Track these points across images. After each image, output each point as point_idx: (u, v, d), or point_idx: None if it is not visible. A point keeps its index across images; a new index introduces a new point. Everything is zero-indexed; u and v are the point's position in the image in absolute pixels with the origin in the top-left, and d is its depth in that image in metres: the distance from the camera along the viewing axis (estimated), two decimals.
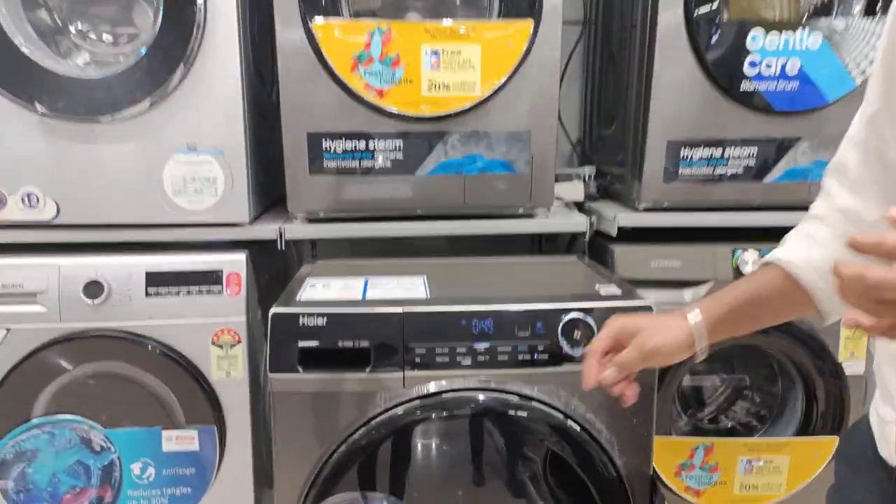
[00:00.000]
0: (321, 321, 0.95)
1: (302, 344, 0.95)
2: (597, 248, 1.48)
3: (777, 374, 1.51)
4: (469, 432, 0.97)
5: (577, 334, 0.96)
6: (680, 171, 1.40)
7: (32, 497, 1.31)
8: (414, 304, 1.01)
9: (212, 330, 1.28)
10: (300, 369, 0.95)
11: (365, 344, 0.95)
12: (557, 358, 0.97)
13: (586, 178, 1.61)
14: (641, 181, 1.41)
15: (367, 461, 0.95)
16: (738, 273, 1.37)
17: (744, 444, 1.41)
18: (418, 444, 0.96)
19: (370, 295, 1.06)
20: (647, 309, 1.00)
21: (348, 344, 0.95)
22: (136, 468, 1.32)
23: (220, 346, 1.30)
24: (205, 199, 1.31)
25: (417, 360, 0.95)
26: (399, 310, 0.97)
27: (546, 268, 1.32)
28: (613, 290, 1.08)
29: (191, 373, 1.29)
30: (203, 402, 1.30)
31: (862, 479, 0.75)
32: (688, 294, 1.38)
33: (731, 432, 1.55)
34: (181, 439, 1.32)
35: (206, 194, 1.31)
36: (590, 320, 0.97)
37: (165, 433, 1.31)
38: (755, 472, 1.41)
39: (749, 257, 1.37)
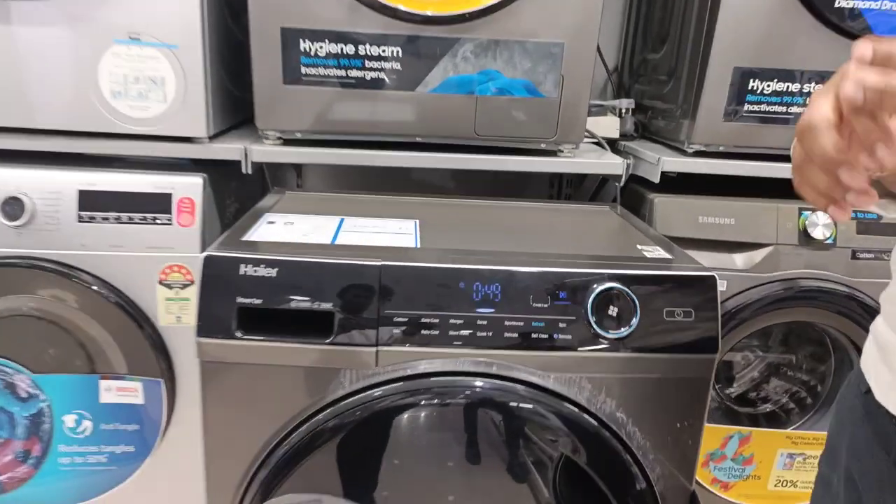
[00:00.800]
0: (270, 271, 0.69)
1: (243, 300, 0.69)
2: (630, 197, 1.20)
3: (829, 351, 1.26)
4: (460, 429, 0.72)
5: (613, 311, 0.70)
6: (744, 108, 1.10)
7: None
8: (397, 255, 0.74)
9: (158, 265, 1.04)
10: (239, 334, 0.69)
11: (327, 305, 0.69)
12: (584, 340, 0.71)
13: (622, 112, 1.31)
14: (695, 118, 1.11)
15: (322, 456, 0.71)
16: (805, 237, 1.09)
17: (787, 436, 1.17)
18: (391, 440, 0.72)
19: (342, 240, 0.79)
20: (710, 280, 0.73)
21: (304, 304, 0.69)
22: (69, 420, 1.10)
23: (169, 286, 1.05)
24: (151, 104, 1.03)
25: (396, 330, 0.70)
26: (376, 262, 0.71)
27: (572, 217, 1.04)
28: (660, 252, 0.81)
29: (133, 315, 1.05)
30: (148, 351, 1.07)
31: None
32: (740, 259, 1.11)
33: (769, 419, 1.31)
34: (123, 391, 1.10)
35: (153, 99, 1.03)
36: (630, 294, 0.70)
37: (103, 382, 1.09)
38: (796, 467, 1.18)
39: (819, 219, 1.09)
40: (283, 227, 0.83)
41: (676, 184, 1.15)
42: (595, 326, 0.70)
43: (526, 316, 0.70)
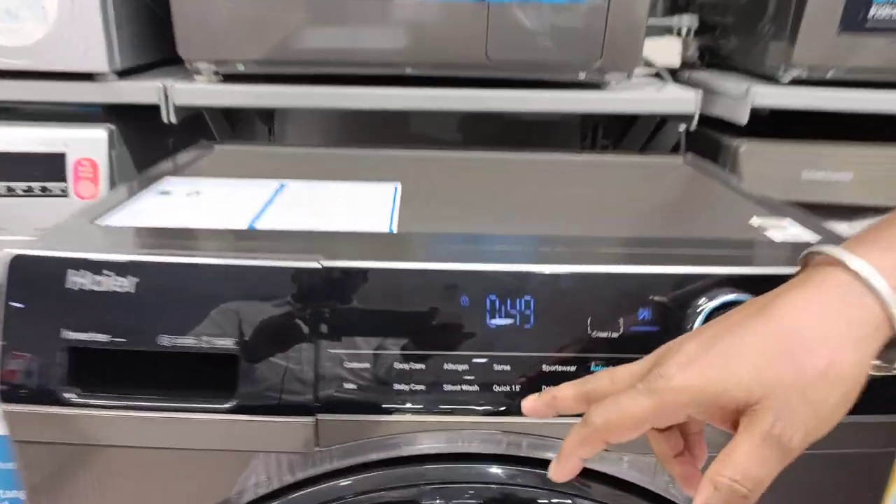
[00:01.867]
0: (122, 283, 0.37)
1: (75, 335, 0.38)
2: (697, 145, 0.86)
3: None
4: None
5: None
6: (869, 16, 0.75)
7: None
8: (354, 247, 0.42)
9: None
10: (71, 396, 0.38)
11: (227, 342, 0.38)
12: None
13: (684, 32, 0.96)
14: (797, 30, 0.76)
15: None
16: None
17: None
18: None
19: (270, 220, 0.46)
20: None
21: (186, 341, 0.38)
22: None
23: None
24: (25, 25, 0.70)
25: (350, 385, 0.38)
26: (313, 263, 0.39)
27: (629, 175, 0.70)
28: (796, 230, 0.48)
29: None
30: None
31: None
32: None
33: None
34: None
35: (28, 17, 0.70)
36: None
37: None
38: None
39: None
40: (183, 201, 0.50)
41: (754, 128, 0.81)
42: None
43: (581, 355, 0.38)
